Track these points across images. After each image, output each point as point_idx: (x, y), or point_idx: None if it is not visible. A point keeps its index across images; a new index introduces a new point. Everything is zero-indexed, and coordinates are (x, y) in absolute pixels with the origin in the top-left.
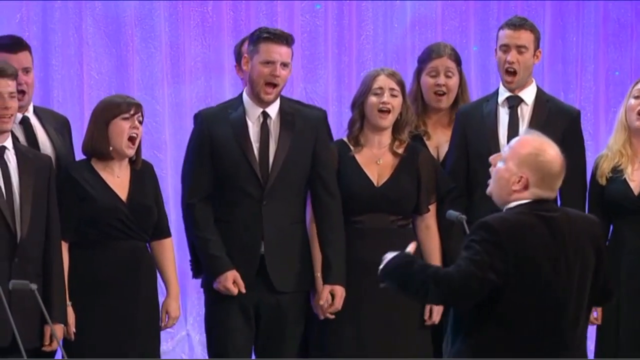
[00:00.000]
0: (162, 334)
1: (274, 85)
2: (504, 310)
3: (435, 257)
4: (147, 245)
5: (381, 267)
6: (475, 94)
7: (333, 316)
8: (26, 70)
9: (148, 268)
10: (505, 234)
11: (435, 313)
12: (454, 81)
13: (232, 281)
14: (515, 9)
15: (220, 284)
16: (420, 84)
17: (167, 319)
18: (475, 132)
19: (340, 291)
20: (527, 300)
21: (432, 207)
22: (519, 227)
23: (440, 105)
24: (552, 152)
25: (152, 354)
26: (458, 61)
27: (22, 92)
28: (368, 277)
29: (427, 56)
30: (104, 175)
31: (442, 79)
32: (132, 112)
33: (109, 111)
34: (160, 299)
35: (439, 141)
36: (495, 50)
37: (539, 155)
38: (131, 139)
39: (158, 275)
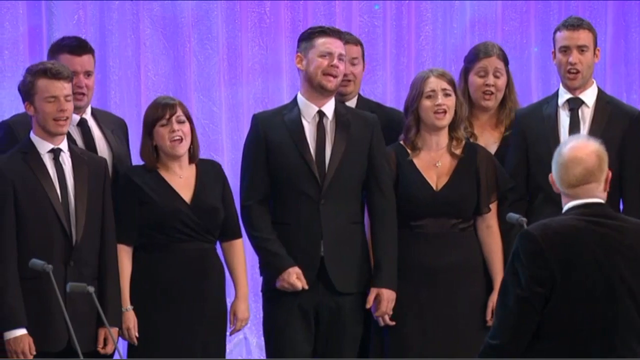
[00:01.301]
0: None
1: (334, 76)
2: (554, 319)
3: (497, 257)
4: (216, 245)
5: None
6: (535, 96)
7: (393, 322)
8: (88, 74)
9: (215, 270)
10: (545, 242)
11: None
12: (502, 81)
13: (295, 276)
14: (577, 9)
15: (284, 281)
16: (467, 84)
17: (235, 322)
18: (535, 135)
19: (386, 294)
20: (576, 307)
21: (493, 207)
22: (562, 233)
23: (488, 105)
24: (568, 152)
25: (218, 357)
26: (506, 61)
27: (81, 94)
28: (429, 281)
29: (475, 56)
30: (167, 176)
31: (490, 79)
32: (167, 116)
33: (148, 120)
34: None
35: (486, 142)
36: (553, 53)
37: (557, 152)
38: (174, 141)
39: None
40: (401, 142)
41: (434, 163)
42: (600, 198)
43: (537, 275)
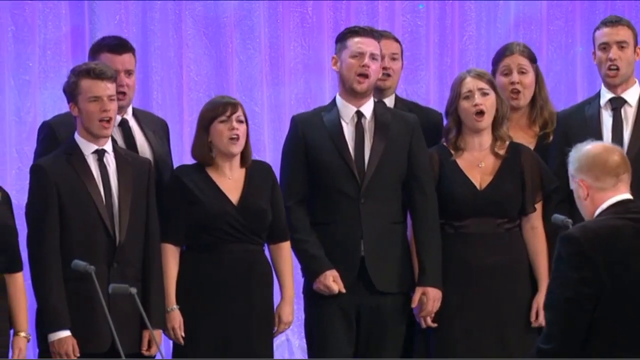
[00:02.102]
0: None
1: (366, 76)
2: (607, 319)
3: (541, 259)
4: (264, 247)
5: None
6: (580, 96)
7: (434, 324)
8: (128, 73)
9: (262, 272)
10: (587, 242)
11: (542, 315)
12: (529, 78)
13: (332, 279)
14: (623, 8)
15: (321, 283)
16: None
17: (278, 324)
18: (577, 137)
19: (432, 293)
20: (625, 305)
21: (538, 207)
22: (603, 232)
23: (518, 104)
24: (595, 148)
25: (265, 358)
26: (532, 58)
27: (122, 93)
28: (473, 282)
29: (499, 55)
30: (215, 177)
31: (515, 77)
32: (228, 113)
33: (207, 116)
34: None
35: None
36: (594, 52)
37: (580, 154)
38: (232, 139)
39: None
40: (444, 143)
41: (477, 163)
42: (629, 194)
43: (582, 276)
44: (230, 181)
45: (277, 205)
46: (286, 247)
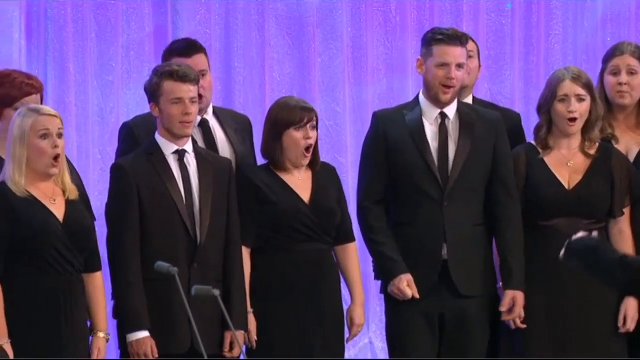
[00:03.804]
0: None
1: (450, 87)
2: None
3: None
4: (331, 249)
5: (568, 243)
6: None
7: (524, 325)
8: (202, 74)
9: (332, 273)
10: None
11: (630, 320)
12: (638, 79)
13: (406, 283)
14: None
15: (395, 287)
16: (604, 85)
17: (351, 328)
18: None
19: (521, 298)
20: None
21: (627, 212)
22: None
23: (624, 103)
24: None
25: (338, 357)
26: None
27: (199, 96)
28: (561, 283)
29: (610, 55)
30: (285, 177)
31: (623, 77)
32: (305, 120)
33: (281, 122)
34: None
35: (628, 145)
36: None
37: None
38: (307, 149)
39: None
40: (532, 142)
41: (566, 162)
42: None
43: None
44: (300, 181)
45: (343, 206)
46: (352, 248)
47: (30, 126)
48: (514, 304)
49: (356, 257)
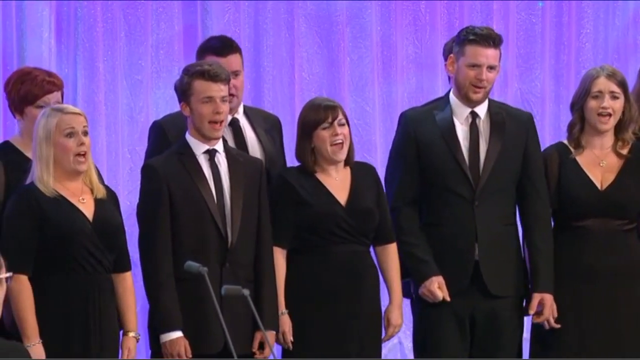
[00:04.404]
0: None
1: (481, 88)
2: None
3: None
4: (370, 249)
5: None
6: None
7: (558, 325)
8: (235, 74)
9: (370, 274)
10: None
11: None
12: None
13: (437, 285)
14: None
15: (425, 289)
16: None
17: (388, 328)
18: None
19: (550, 300)
20: None
21: None
22: None
23: None
24: None
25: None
26: None
27: (231, 95)
28: (592, 284)
29: None
30: (322, 178)
31: None
32: (329, 119)
33: (308, 121)
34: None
35: None
36: None
37: None
38: (336, 145)
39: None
40: (564, 141)
41: (599, 162)
42: None
43: None
44: (337, 182)
45: (383, 207)
46: (393, 248)
47: (55, 125)
48: (542, 306)
49: (396, 258)
